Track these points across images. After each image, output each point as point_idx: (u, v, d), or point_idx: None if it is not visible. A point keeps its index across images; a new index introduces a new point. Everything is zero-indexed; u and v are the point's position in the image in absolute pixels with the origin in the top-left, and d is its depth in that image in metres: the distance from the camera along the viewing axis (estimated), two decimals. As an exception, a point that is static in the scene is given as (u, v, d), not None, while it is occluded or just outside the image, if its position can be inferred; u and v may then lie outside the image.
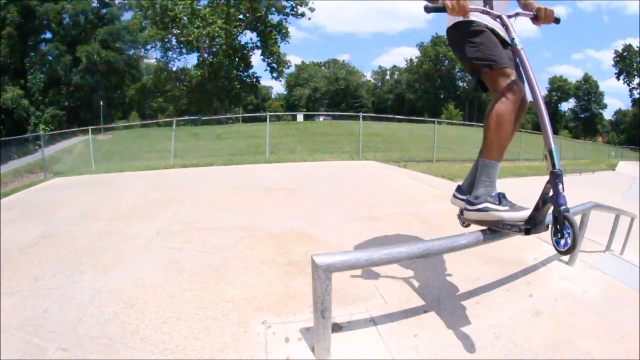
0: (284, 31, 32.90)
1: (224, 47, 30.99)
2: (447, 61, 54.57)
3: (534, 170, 12.34)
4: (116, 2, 33.68)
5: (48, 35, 30.74)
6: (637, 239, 3.88)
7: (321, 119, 33.98)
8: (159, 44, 32.31)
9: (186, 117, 26.10)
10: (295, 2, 31.54)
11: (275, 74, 34.03)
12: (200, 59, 31.77)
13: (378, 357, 1.63)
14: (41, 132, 17.15)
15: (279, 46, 33.19)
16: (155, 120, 28.82)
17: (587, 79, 55.64)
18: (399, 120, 20.98)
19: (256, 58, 60.83)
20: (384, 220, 3.51)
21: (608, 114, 58.38)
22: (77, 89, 30.64)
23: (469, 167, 2.25)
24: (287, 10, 32.13)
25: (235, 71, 33.43)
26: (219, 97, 32.48)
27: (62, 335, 1.75)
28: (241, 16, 31.31)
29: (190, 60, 75.35)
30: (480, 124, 2.76)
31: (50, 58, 29.89)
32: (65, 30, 30.49)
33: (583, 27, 78.76)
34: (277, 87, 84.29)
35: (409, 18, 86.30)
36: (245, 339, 1.72)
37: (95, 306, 1.99)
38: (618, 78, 51.66)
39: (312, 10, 32.09)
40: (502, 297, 2.14)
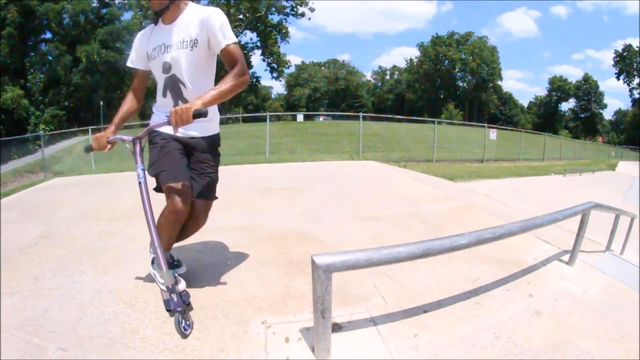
0: (284, 31, 32.93)
1: (224, 47, 30.95)
2: (447, 61, 54.58)
3: (534, 170, 12.35)
4: (116, 2, 33.73)
5: (48, 35, 30.80)
6: (637, 239, 3.89)
7: (321, 119, 33.97)
8: (159, 44, 32.25)
9: (186, 117, 25.98)
10: (295, 2, 31.57)
11: (275, 74, 34.10)
12: (200, 59, 31.72)
13: (378, 357, 1.63)
14: (41, 132, 17.17)
15: (279, 46, 33.26)
16: (155, 120, 28.74)
17: (587, 79, 55.66)
18: (399, 120, 20.97)
19: (256, 58, 60.80)
20: (384, 220, 3.52)
21: (608, 114, 58.53)
22: (77, 89, 30.66)
23: (469, 167, 2.25)
24: (287, 10, 32.16)
25: (235, 71, 33.38)
26: (219, 97, 32.43)
27: (62, 335, 1.75)
28: (241, 16, 31.32)
29: (190, 60, 75.16)
30: (481, 124, 2.77)
31: (50, 58, 29.91)
32: (65, 30, 30.51)
33: (583, 27, 78.79)
34: (277, 87, 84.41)
35: (408, 18, 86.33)
36: (245, 339, 1.72)
37: (95, 306, 1.99)
38: (618, 78, 51.73)
39: (312, 10, 32.15)
40: (502, 297, 2.14)
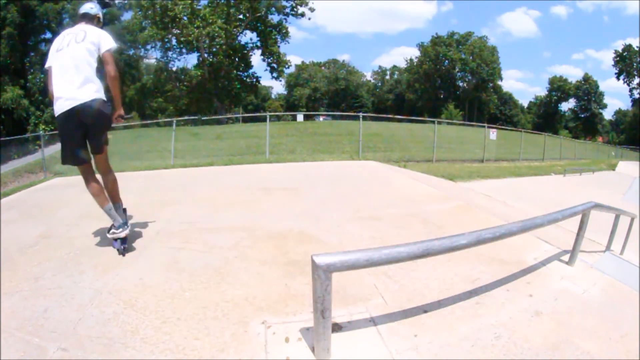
0: (284, 31, 32.89)
1: (224, 47, 30.95)
2: (447, 61, 54.55)
3: (534, 170, 12.35)
4: (116, 2, 33.71)
5: (48, 35, 30.72)
6: (637, 239, 3.89)
7: (321, 119, 33.95)
8: (159, 44, 32.29)
9: (186, 117, 26.04)
10: (295, 2, 31.53)
11: (275, 74, 34.02)
12: (200, 59, 31.74)
13: (378, 357, 1.63)
14: (41, 132, 17.13)
15: (279, 46, 33.18)
16: (155, 120, 28.83)
17: (587, 78, 55.63)
18: (399, 120, 20.95)
19: (256, 58, 60.87)
20: (384, 220, 3.52)
21: (608, 114, 58.38)
22: (77, 89, 30.59)
23: (469, 167, 2.26)
24: (287, 10, 32.13)
25: (235, 71, 33.39)
26: (219, 97, 32.45)
27: (62, 335, 1.75)
28: (241, 16, 31.28)
29: (190, 60, 75.34)
30: (480, 124, 2.78)
31: (50, 58, 29.83)
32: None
33: (583, 27, 78.73)
34: (277, 87, 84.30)
35: (409, 18, 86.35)
36: (245, 339, 1.72)
37: (95, 306, 1.99)
38: (618, 78, 51.69)
39: (312, 10, 32.09)
40: (502, 297, 2.14)
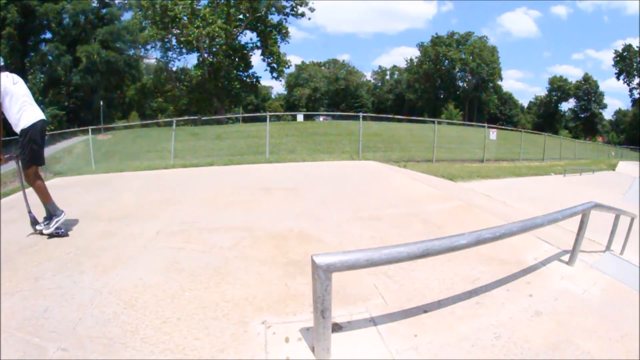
0: (284, 31, 32.90)
1: (224, 47, 30.96)
2: (447, 61, 54.54)
3: (534, 170, 12.35)
4: (116, 2, 33.71)
5: (48, 35, 30.77)
6: (637, 239, 3.89)
7: (321, 119, 33.93)
8: (159, 44, 32.29)
9: (186, 117, 26.06)
10: (295, 2, 31.55)
11: (275, 74, 34.03)
12: (200, 59, 31.75)
13: (378, 357, 1.63)
14: (41, 132, 17.11)
15: (279, 46, 33.19)
16: (155, 120, 28.85)
17: (587, 79, 55.61)
18: (399, 120, 20.95)
19: (256, 58, 60.83)
20: (384, 220, 3.52)
21: (608, 114, 58.33)
22: (77, 89, 30.69)
23: (469, 167, 2.26)
24: (287, 10, 32.14)
25: (235, 71, 33.41)
26: (219, 97, 32.46)
27: (62, 335, 1.75)
28: (241, 16, 31.30)
29: (190, 60, 75.33)
30: (480, 124, 2.80)
31: (50, 58, 29.90)
32: (65, 30, 30.51)
33: (583, 28, 78.69)
34: (277, 87, 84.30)
35: (409, 18, 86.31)
36: (245, 339, 1.72)
37: (95, 306, 1.99)
38: (618, 78, 51.67)
39: (312, 10, 32.12)
40: (502, 297, 2.14)
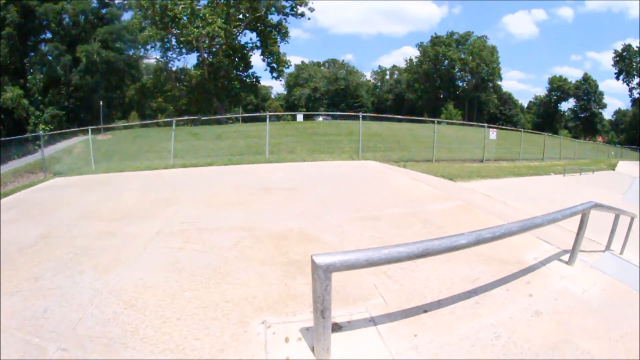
0: (283, 31, 32.89)
1: (223, 47, 30.96)
2: (446, 61, 54.54)
3: (534, 170, 12.35)
4: (116, 2, 33.69)
5: (48, 35, 30.72)
6: (637, 239, 3.89)
7: (321, 118, 33.92)
8: (158, 44, 32.26)
9: (186, 117, 26.04)
10: (295, 2, 31.54)
11: (275, 74, 34.02)
12: (200, 59, 31.74)
13: (378, 357, 1.63)
14: (41, 132, 17.16)
15: (278, 46, 33.18)
16: (155, 120, 28.81)
17: (586, 78, 55.61)
18: (399, 120, 20.94)
19: (256, 58, 60.69)
20: (384, 220, 3.52)
21: (608, 114, 58.37)
22: (77, 89, 30.64)
23: (468, 167, 2.26)
24: (287, 10, 32.13)
25: (235, 71, 33.40)
26: (218, 97, 32.46)
27: (62, 335, 1.75)
28: (241, 16, 31.30)
29: (190, 60, 75.32)
30: (480, 124, 2.82)
31: (50, 58, 29.86)
32: (65, 30, 30.47)
33: (583, 29, 78.76)
34: (277, 87, 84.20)
35: (410, 20, 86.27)
36: (245, 339, 1.72)
37: (95, 306, 1.99)
38: (617, 78, 51.68)
39: (311, 10, 32.12)
40: (502, 297, 2.14)
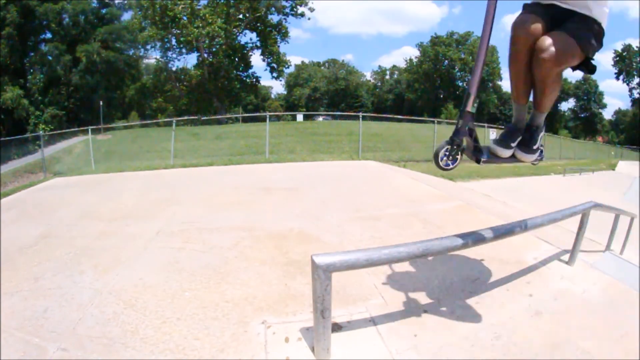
0: (283, 31, 32.90)
1: (223, 47, 30.97)
2: (446, 61, 54.54)
3: (534, 170, 12.35)
4: (116, 2, 33.70)
5: (48, 35, 30.73)
6: (637, 239, 3.89)
7: (321, 118, 33.92)
8: (158, 44, 32.29)
9: (186, 117, 26.04)
10: (295, 2, 31.54)
11: (275, 74, 34.03)
12: (200, 59, 31.75)
13: (378, 357, 1.63)
14: (41, 132, 17.14)
15: (278, 46, 33.19)
16: (155, 120, 28.82)
17: (586, 78, 55.57)
18: (399, 120, 20.94)
19: (256, 58, 60.66)
20: (384, 220, 3.52)
21: (608, 114, 58.32)
22: (77, 89, 30.64)
23: (468, 167, 2.27)
24: (287, 10, 32.14)
25: (235, 71, 33.42)
26: (218, 97, 32.47)
27: (62, 335, 1.75)
28: (241, 16, 31.31)
29: (190, 60, 75.19)
30: (480, 124, 2.83)
31: (50, 58, 29.87)
32: (65, 30, 30.47)
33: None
34: (277, 87, 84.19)
35: (411, 20, 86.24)
36: (245, 339, 1.72)
37: (95, 306, 1.99)
38: (617, 78, 51.66)
39: (311, 10, 32.12)
40: (502, 297, 2.14)
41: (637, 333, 1.81)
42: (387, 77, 65.85)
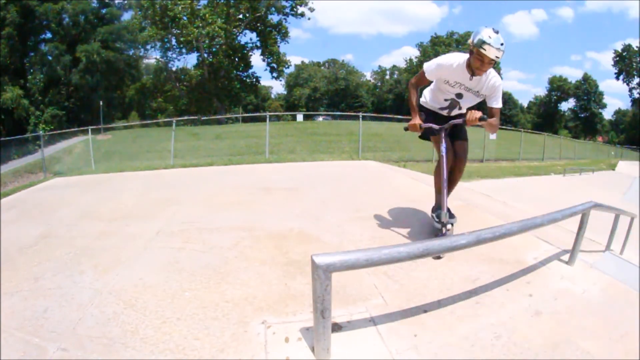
0: (283, 31, 32.91)
1: (223, 47, 30.99)
2: (446, 61, 54.48)
3: (534, 170, 12.36)
4: (116, 2, 33.70)
5: (48, 35, 30.72)
6: (637, 239, 3.89)
7: (321, 118, 33.91)
8: (158, 44, 32.33)
9: (186, 117, 26.06)
10: (295, 2, 31.55)
11: (275, 74, 34.05)
12: (200, 59, 31.77)
13: (378, 357, 1.63)
14: (41, 132, 17.15)
15: (278, 46, 33.21)
16: (155, 120, 28.85)
17: (586, 78, 55.58)
18: (399, 120, 20.91)
19: (256, 58, 60.64)
20: (384, 220, 3.52)
21: (608, 114, 58.31)
22: (77, 89, 30.64)
23: (468, 167, 2.27)
24: (287, 10, 32.15)
25: (235, 71, 33.43)
26: (218, 97, 32.48)
27: (62, 335, 1.75)
28: (241, 16, 31.32)
29: (190, 60, 75.21)
30: (479, 124, 2.89)
31: (50, 58, 29.87)
32: (65, 30, 30.45)
33: (583, 29, 78.77)
34: (277, 87, 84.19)
35: (411, 20, 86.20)
36: (245, 339, 1.72)
37: (95, 306, 1.99)
38: (617, 78, 51.66)
39: (311, 10, 32.15)
40: (502, 297, 2.14)
41: (637, 333, 1.81)
42: (387, 77, 65.81)
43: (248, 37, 62.21)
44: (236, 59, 32.82)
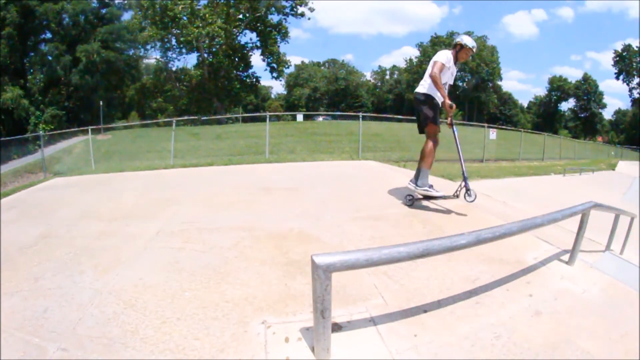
0: (283, 31, 32.89)
1: (223, 47, 30.97)
2: (446, 61, 54.53)
3: (534, 170, 12.35)
4: (116, 2, 33.69)
5: (48, 35, 30.72)
6: (637, 239, 3.89)
7: (321, 119, 33.89)
8: (158, 44, 32.28)
9: (186, 117, 26.02)
10: (295, 2, 31.53)
11: (275, 74, 34.02)
12: (200, 59, 31.76)
13: (378, 357, 1.63)
14: (41, 132, 17.17)
15: (278, 46, 33.19)
16: (155, 120, 28.82)
17: (586, 78, 55.60)
18: (399, 120, 20.91)
19: (256, 58, 60.62)
20: (384, 220, 3.51)
21: (608, 114, 58.32)
22: (77, 89, 30.64)
23: (468, 167, 2.27)
24: (287, 10, 32.13)
25: (235, 71, 33.41)
26: (218, 97, 32.46)
27: (62, 335, 1.75)
28: (241, 16, 31.30)
29: (190, 60, 75.25)
30: (480, 124, 2.93)
31: (50, 58, 29.87)
32: (65, 30, 30.47)
33: (583, 29, 78.81)
34: (277, 87, 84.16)
35: (411, 20, 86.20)
36: (245, 339, 1.72)
37: (95, 306, 1.99)
38: (617, 78, 51.67)
39: (311, 10, 32.12)
40: (502, 297, 2.14)
41: (637, 333, 1.81)
42: (387, 77, 65.83)
43: (248, 37, 62.27)
44: (236, 59, 32.80)
